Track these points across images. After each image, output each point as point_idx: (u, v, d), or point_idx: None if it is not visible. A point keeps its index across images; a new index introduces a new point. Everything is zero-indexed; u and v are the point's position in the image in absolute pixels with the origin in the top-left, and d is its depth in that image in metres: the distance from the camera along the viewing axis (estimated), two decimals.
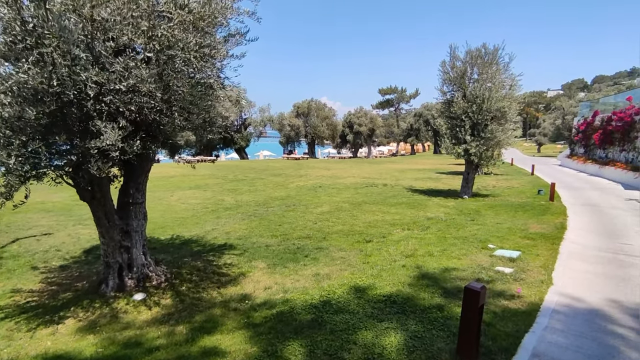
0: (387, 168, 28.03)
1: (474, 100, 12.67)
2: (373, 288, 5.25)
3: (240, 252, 7.32)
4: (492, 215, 10.53)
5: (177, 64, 3.90)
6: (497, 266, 6.02)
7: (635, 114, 17.44)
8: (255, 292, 5.33)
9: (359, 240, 7.96)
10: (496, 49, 12.85)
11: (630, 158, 17.77)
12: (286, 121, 44.39)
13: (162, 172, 20.82)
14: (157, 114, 3.99)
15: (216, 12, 4.50)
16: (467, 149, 12.95)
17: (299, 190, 16.21)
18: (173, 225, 9.81)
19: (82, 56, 3.57)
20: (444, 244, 7.51)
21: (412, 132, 54.01)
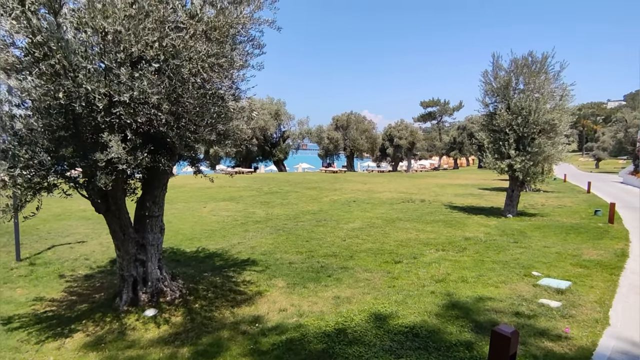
0: (426, 183, 26.98)
1: (519, 112, 11.79)
2: (395, 317, 4.76)
3: (262, 268, 7.08)
4: (538, 237, 9.57)
5: (184, 74, 3.76)
6: (541, 298, 5.30)
7: None
8: (268, 314, 5.02)
9: (388, 261, 7.46)
10: (545, 56, 11.94)
11: None
12: (325, 134, 44.42)
13: (199, 183, 21.33)
14: (164, 126, 3.86)
15: (231, 23, 4.38)
16: (511, 164, 12.02)
17: (332, 204, 15.87)
18: (201, 237, 9.81)
19: (90, 68, 3.52)
20: (481, 268, 6.82)
21: (455, 145, 52.06)
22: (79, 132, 4.07)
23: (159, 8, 3.81)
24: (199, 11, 4.07)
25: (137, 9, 3.47)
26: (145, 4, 3.73)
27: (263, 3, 4.93)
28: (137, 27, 3.56)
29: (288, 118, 41.67)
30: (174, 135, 3.99)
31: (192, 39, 4.03)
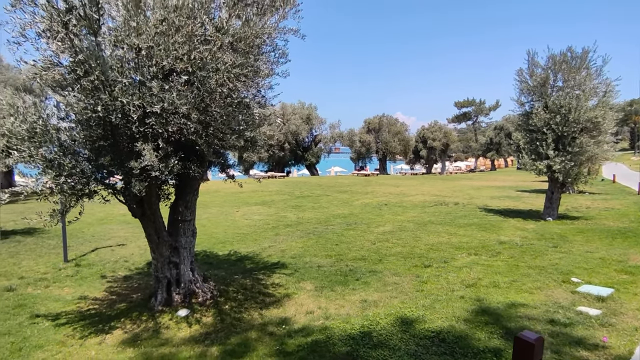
0: (461, 185, 26.23)
1: (557, 111, 11.25)
2: (422, 321, 4.70)
3: (291, 271, 7.19)
4: (581, 241, 9.07)
5: (212, 84, 3.94)
6: (579, 305, 5.04)
7: None
8: (295, 316, 5.11)
9: (417, 265, 7.35)
10: (585, 51, 11.34)
11: None
12: (356, 137, 44.34)
13: (232, 188, 21.92)
14: (193, 134, 4.07)
15: (256, 33, 4.55)
16: (549, 165, 11.48)
17: (363, 208, 15.82)
18: (233, 241, 10.10)
19: (125, 82, 3.78)
20: (515, 273, 6.57)
21: (492, 146, 50.31)
22: (116, 142, 4.37)
23: (188, 23, 4.03)
24: (224, 24, 4.27)
25: (167, 25, 3.69)
26: (176, 20, 3.97)
27: (287, 13, 5.08)
28: (167, 42, 3.78)
29: (319, 122, 42.00)
30: (203, 143, 4.19)
31: (220, 51, 4.22)
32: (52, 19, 3.47)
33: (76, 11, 3.61)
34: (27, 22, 3.64)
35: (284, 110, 39.27)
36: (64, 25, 3.48)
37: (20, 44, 3.82)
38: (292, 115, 39.17)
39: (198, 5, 4.14)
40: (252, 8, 4.31)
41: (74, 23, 3.64)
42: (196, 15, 4.10)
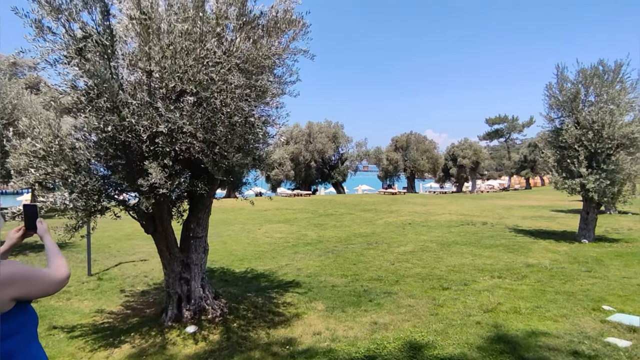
0: (491, 204, 25.28)
1: (590, 127, 10.72)
2: (432, 347, 4.47)
3: (305, 290, 7.10)
4: (618, 266, 8.43)
5: (217, 104, 4.05)
6: (608, 336, 4.63)
7: None
8: (302, 337, 5.01)
9: (435, 287, 7.07)
10: (619, 64, 10.85)
11: None
12: (383, 155, 44.03)
13: (258, 206, 22.20)
14: (199, 153, 4.17)
15: (265, 55, 4.66)
16: (583, 184, 10.87)
17: (386, 227, 15.53)
18: (251, 258, 10.15)
19: (135, 103, 3.96)
20: (540, 299, 6.16)
21: (526, 164, 48.44)
22: (128, 160, 4.55)
23: (196, 47, 4.20)
24: (231, 47, 4.41)
25: (173, 49, 3.85)
26: (185, 44, 4.14)
27: (298, 34, 5.21)
28: (174, 65, 3.94)
29: (346, 140, 42.10)
30: (209, 161, 4.28)
31: (228, 73, 4.35)
32: (68, 47, 3.71)
33: (91, 38, 3.85)
34: (48, 49, 3.91)
35: (310, 129, 39.78)
36: (78, 52, 3.71)
37: (43, 69, 4.12)
38: (318, 134, 39.54)
39: (207, 30, 4.32)
40: (258, 31, 4.43)
41: (89, 49, 3.88)
42: (204, 39, 4.27)
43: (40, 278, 1.62)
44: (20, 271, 1.57)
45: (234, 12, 4.59)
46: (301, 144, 39.81)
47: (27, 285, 1.57)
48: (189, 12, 4.26)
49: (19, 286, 1.54)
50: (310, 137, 39.84)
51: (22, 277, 1.57)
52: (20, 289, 1.54)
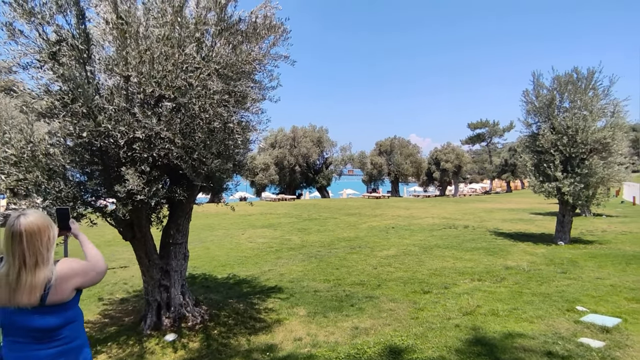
0: (473, 207, 25.73)
1: (564, 132, 11.07)
2: (411, 350, 4.51)
3: (287, 296, 7.08)
4: (592, 267, 8.69)
5: (195, 110, 4.02)
6: (581, 337, 4.76)
7: None
8: (283, 343, 4.98)
9: (416, 291, 7.14)
10: (591, 72, 11.23)
11: None
12: (367, 159, 44.36)
13: (241, 211, 22.04)
14: (177, 159, 4.13)
15: (244, 60, 4.66)
16: (558, 187, 11.19)
17: (369, 231, 15.62)
18: (234, 264, 10.06)
19: (112, 109, 3.90)
20: (518, 301, 6.30)
21: (507, 167, 49.54)
22: (106, 167, 4.47)
23: (174, 52, 4.17)
24: (211, 52, 4.40)
25: (150, 55, 3.82)
26: (163, 49, 4.11)
27: (278, 40, 5.22)
28: (152, 70, 3.90)
29: (330, 145, 42.29)
30: (187, 167, 4.24)
31: (207, 78, 4.33)
32: (41, 51, 3.63)
33: (65, 42, 3.78)
34: (20, 52, 3.82)
35: (294, 134, 39.81)
36: (52, 56, 3.64)
37: (16, 73, 4.02)
38: (302, 138, 39.60)
39: (185, 35, 4.30)
40: (237, 36, 4.43)
41: (64, 53, 3.81)
42: (183, 44, 4.24)
43: (91, 269, 2.00)
44: (78, 265, 1.95)
45: (214, 17, 4.58)
46: (285, 148, 39.78)
47: (84, 275, 1.95)
48: (168, 17, 4.23)
49: (79, 277, 1.91)
50: (295, 142, 39.86)
51: (81, 269, 1.94)
52: (79, 279, 1.92)
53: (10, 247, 1.77)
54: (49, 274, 1.80)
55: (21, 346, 1.80)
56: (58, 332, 1.85)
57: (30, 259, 1.76)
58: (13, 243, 1.76)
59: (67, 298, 1.86)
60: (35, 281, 1.76)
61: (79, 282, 1.92)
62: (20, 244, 1.76)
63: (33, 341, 1.80)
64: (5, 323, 1.81)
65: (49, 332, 1.82)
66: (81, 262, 1.99)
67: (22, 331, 1.80)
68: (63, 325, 1.86)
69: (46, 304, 1.79)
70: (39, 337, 1.81)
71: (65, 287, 1.84)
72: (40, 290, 1.77)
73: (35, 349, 1.80)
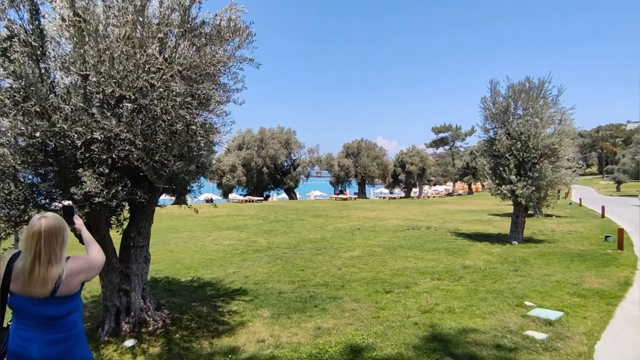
0: (435, 209, 26.63)
1: (518, 137, 11.76)
2: (371, 349, 4.67)
3: (251, 298, 7.07)
4: (541, 264, 9.28)
5: (157, 112, 3.98)
6: (527, 330, 5.11)
7: None
8: (245, 345, 5.00)
9: (378, 291, 7.34)
10: (542, 82, 12.01)
11: None
12: (335, 161, 44.75)
13: (207, 212, 21.62)
14: (138, 161, 4.06)
15: (208, 62, 4.64)
16: (513, 190, 11.85)
17: (335, 232, 15.81)
18: (198, 266, 9.89)
19: (68, 108, 3.78)
20: (473, 298, 6.64)
21: (468, 170, 51.53)
22: (61, 168, 4.31)
23: (135, 52, 4.10)
24: (174, 53, 4.36)
25: (109, 54, 3.74)
26: (124, 49, 4.03)
27: (243, 43, 5.23)
28: (110, 70, 3.82)
29: (298, 146, 42.30)
30: (148, 169, 4.17)
31: (170, 79, 4.28)
32: None
33: (17, 38, 3.63)
34: None
35: (262, 135, 39.52)
36: (2, 52, 3.49)
37: None
38: (270, 140, 39.38)
39: (147, 35, 4.24)
40: (202, 38, 4.41)
41: (15, 49, 3.66)
42: (145, 44, 4.18)
43: (94, 264, 2.30)
44: (84, 262, 2.23)
45: (177, 18, 4.54)
46: (253, 149, 39.40)
47: (89, 270, 2.24)
48: (129, 16, 4.15)
49: (84, 273, 2.19)
50: (263, 143, 39.57)
51: (86, 266, 2.22)
52: (85, 275, 2.20)
53: (30, 244, 2.01)
54: (60, 270, 2.05)
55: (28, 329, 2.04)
56: (63, 320, 2.10)
57: (44, 256, 2.01)
58: (32, 241, 2.01)
59: (74, 290, 2.13)
60: (47, 275, 2.01)
61: (84, 277, 2.20)
62: (38, 242, 2.01)
63: (40, 327, 2.04)
64: (18, 308, 2.06)
65: (55, 319, 2.07)
66: (86, 259, 2.27)
67: (33, 317, 2.04)
68: (68, 314, 2.12)
69: (56, 296, 2.04)
70: (46, 324, 2.05)
71: (73, 281, 2.11)
72: (52, 284, 2.02)
73: (42, 334, 2.04)
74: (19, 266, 2.03)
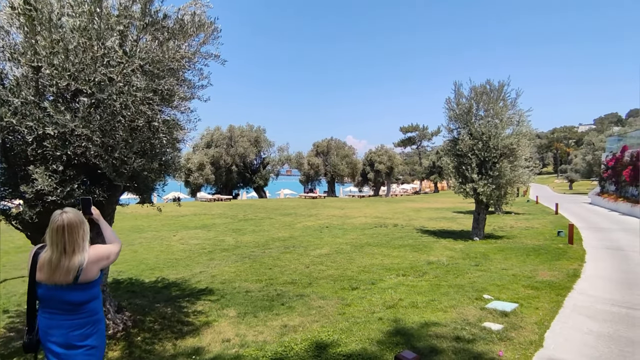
0: (403, 207, 27.27)
1: (480, 138, 12.24)
2: (336, 345, 4.73)
3: (217, 297, 6.97)
4: (500, 259, 9.73)
5: (116, 107, 3.84)
6: (485, 321, 5.36)
7: None
8: (210, 346, 4.93)
9: (345, 287, 7.45)
10: (502, 84, 12.55)
11: None
12: (305, 160, 44.79)
13: (174, 211, 21.08)
14: (96, 158, 3.90)
15: (171, 57, 4.53)
16: (475, 188, 12.34)
17: (304, 230, 15.85)
18: (163, 267, 9.63)
19: (16, 101, 3.58)
20: (435, 293, 6.87)
21: (434, 169, 53.10)
22: (10, 165, 4.08)
23: (92, 44, 3.93)
24: (134, 47, 4.22)
25: (63, 46, 3.57)
26: (79, 41, 3.85)
27: (208, 38, 5.14)
28: (64, 63, 3.65)
29: (268, 145, 41.98)
30: (107, 166, 4.02)
31: (129, 74, 4.14)
32: None
33: None
34: None
35: (231, 133, 38.91)
36: None
37: None
38: (240, 138, 38.85)
39: (106, 26, 4.07)
40: (164, 32, 4.30)
41: None
42: (103, 36, 4.02)
43: (113, 251, 2.58)
44: (103, 250, 2.50)
45: (138, 10, 4.40)
46: (222, 147, 38.71)
47: (107, 258, 2.51)
48: (85, 6, 3.98)
49: (103, 261, 2.47)
50: (232, 141, 38.97)
51: (105, 254, 2.50)
52: (104, 262, 2.48)
53: (55, 237, 2.27)
54: (82, 259, 2.31)
55: (55, 316, 2.32)
56: (85, 306, 2.37)
57: (69, 247, 2.28)
58: (57, 234, 2.27)
59: (94, 277, 2.39)
60: (70, 265, 2.27)
61: (103, 264, 2.46)
62: (63, 235, 2.27)
63: (65, 313, 2.32)
64: (45, 297, 2.32)
65: (78, 305, 2.34)
66: (104, 247, 2.53)
67: (58, 304, 2.31)
68: (89, 300, 2.38)
69: (78, 282, 2.29)
70: (70, 310, 2.32)
71: (93, 269, 2.36)
72: (74, 272, 2.27)
73: (66, 319, 2.32)
74: (44, 257, 2.30)
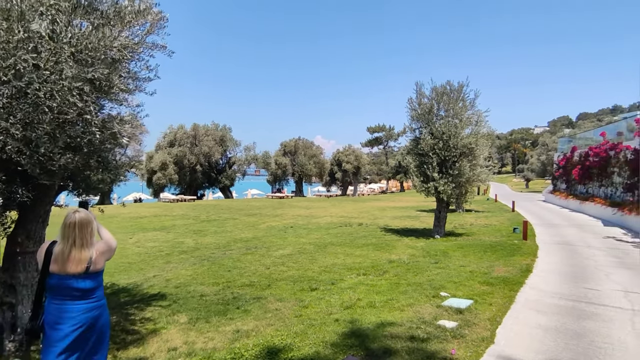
0: (368, 206, 27.52)
1: (440, 137, 12.45)
2: (289, 349, 4.55)
3: (169, 303, 6.60)
4: (459, 256, 9.90)
5: (40, 97, 3.46)
6: (440, 319, 5.35)
7: (609, 149, 17.33)
8: (155, 355, 4.60)
9: (304, 288, 7.27)
10: (461, 85, 12.84)
11: (608, 193, 17.45)
12: (272, 160, 44.32)
13: (132, 213, 20.14)
14: (17, 154, 3.50)
15: (107, 46, 4.17)
16: (436, 187, 12.54)
17: (268, 231, 15.56)
18: (115, 272, 9.08)
19: None
20: (394, 292, 6.84)
21: (400, 169, 54.07)
22: None
23: (12, 27, 3.53)
24: (64, 32, 3.84)
25: None
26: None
27: (154, 27, 4.80)
28: None
29: (234, 144, 41.21)
30: (30, 164, 3.62)
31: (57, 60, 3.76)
32: None
33: None
34: None
35: (195, 131, 37.82)
36: None
37: None
38: (204, 137, 37.85)
39: (27, 7, 3.68)
40: (95, 17, 3.95)
41: None
42: (24, 18, 3.62)
43: (112, 246, 3.01)
44: (105, 245, 2.94)
45: None
46: (186, 146, 37.55)
47: (109, 251, 2.97)
48: None
49: (107, 253, 2.95)
50: (196, 140, 37.89)
51: (107, 248, 2.95)
52: (108, 255, 2.96)
53: (67, 232, 2.73)
54: (91, 252, 2.77)
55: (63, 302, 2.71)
56: (93, 292, 2.83)
57: (79, 242, 2.73)
58: (69, 230, 2.73)
59: (101, 268, 2.91)
60: (81, 257, 2.73)
61: (107, 257, 2.95)
62: (74, 231, 2.73)
63: (74, 299, 2.72)
64: (55, 286, 2.71)
65: (88, 291, 2.78)
66: (106, 242, 2.97)
67: (68, 291, 2.71)
68: (97, 287, 2.87)
69: (89, 272, 2.76)
70: (79, 296, 2.74)
71: (100, 260, 2.85)
72: (85, 263, 2.74)
73: (74, 304, 2.72)
74: (58, 250, 2.71)
